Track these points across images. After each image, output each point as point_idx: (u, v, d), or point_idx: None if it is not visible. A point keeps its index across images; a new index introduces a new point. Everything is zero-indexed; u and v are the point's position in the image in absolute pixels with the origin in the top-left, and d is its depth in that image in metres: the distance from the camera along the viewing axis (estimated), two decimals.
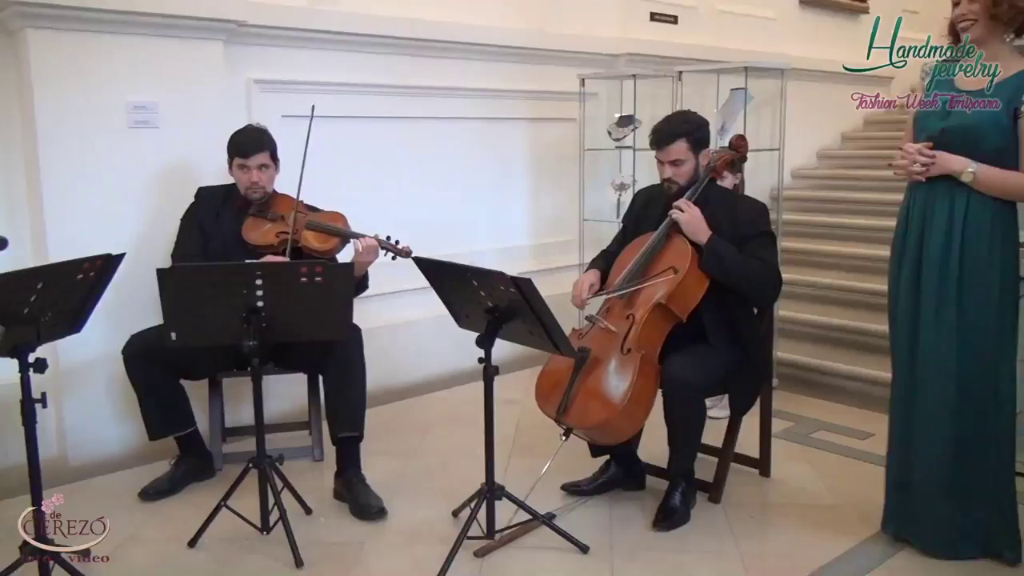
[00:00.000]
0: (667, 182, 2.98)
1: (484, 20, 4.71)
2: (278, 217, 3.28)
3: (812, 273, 5.17)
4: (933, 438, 2.56)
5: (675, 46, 5.49)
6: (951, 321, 2.49)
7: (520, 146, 5.03)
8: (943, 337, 2.51)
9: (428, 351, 4.49)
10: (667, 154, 2.93)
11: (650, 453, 3.23)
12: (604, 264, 3.16)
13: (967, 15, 2.43)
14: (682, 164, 2.94)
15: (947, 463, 2.55)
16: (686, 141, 2.93)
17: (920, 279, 2.55)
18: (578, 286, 3.05)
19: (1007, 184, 2.43)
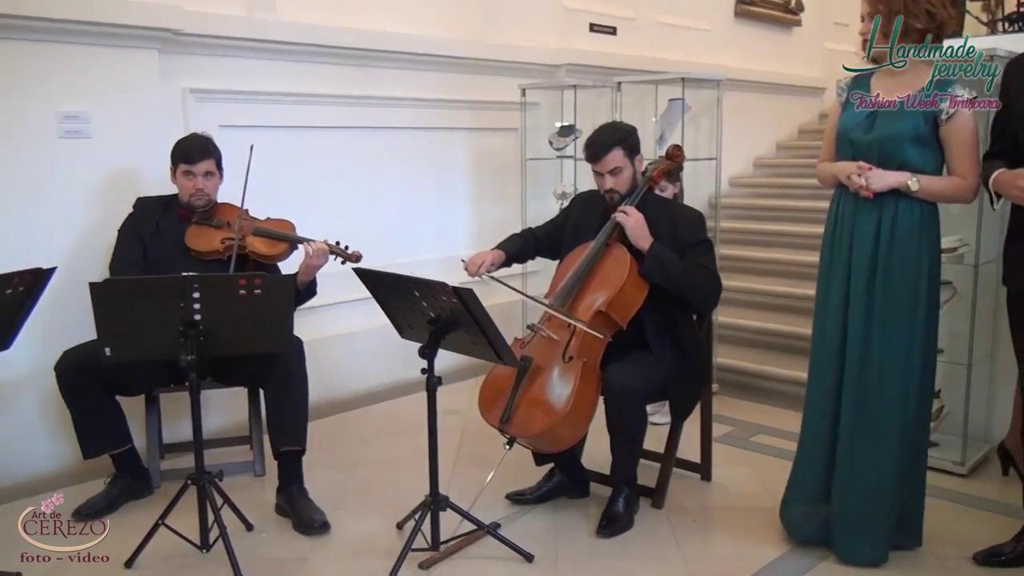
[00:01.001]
0: (608, 193, 3.01)
1: (424, 30, 4.71)
2: (223, 224, 3.24)
3: (749, 279, 5.28)
4: (874, 441, 2.61)
5: (614, 57, 5.56)
6: (876, 327, 2.56)
7: (462, 156, 5.04)
8: (868, 342, 2.57)
9: (370, 362, 4.47)
10: (605, 164, 2.97)
11: (593, 460, 3.26)
12: (515, 247, 3.23)
13: (867, 33, 2.55)
14: (621, 172, 2.98)
15: (890, 463, 2.62)
16: (621, 148, 2.97)
17: (849, 283, 2.62)
18: (477, 259, 3.10)
19: (945, 189, 2.53)
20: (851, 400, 2.62)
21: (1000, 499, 3.13)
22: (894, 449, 2.61)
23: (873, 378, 2.58)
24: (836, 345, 2.65)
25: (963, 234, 3.35)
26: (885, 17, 2.50)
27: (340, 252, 3.19)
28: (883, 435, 2.60)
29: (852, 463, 2.63)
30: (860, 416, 2.61)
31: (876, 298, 2.56)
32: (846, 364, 2.63)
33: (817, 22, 7.51)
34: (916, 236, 2.55)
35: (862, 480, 2.62)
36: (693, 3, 6.36)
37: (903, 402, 2.60)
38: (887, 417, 2.59)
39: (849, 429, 2.63)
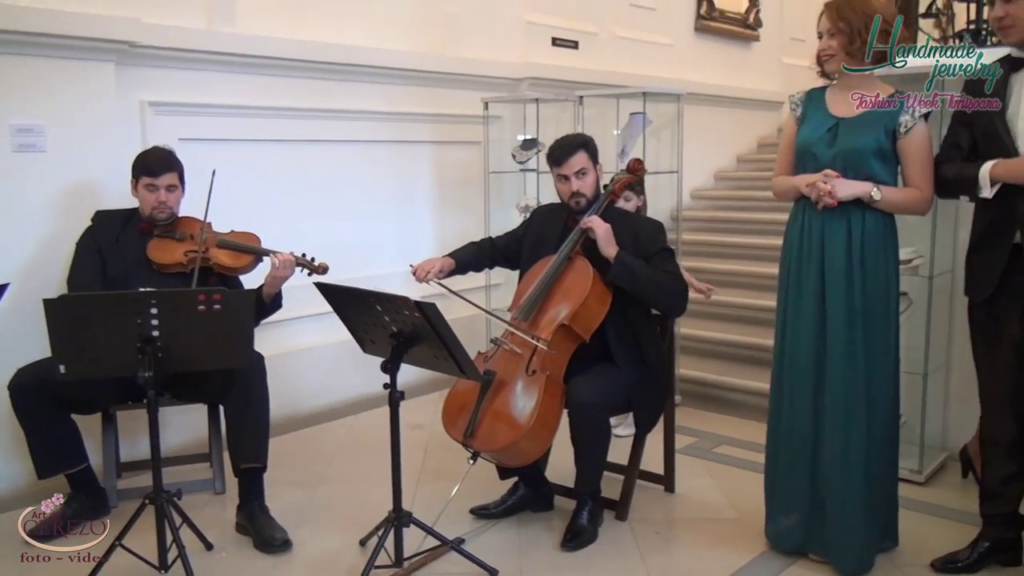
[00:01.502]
0: (574, 197, 3.02)
1: (387, 43, 4.71)
2: (186, 236, 3.21)
3: None
4: (846, 451, 2.63)
5: (576, 71, 5.60)
6: (859, 336, 2.60)
7: (425, 169, 5.04)
8: (852, 352, 2.60)
9: (332, 377, 4.43)
10: (571, 166, 2.99)
11: (557, 473, 3.26)
12: (469, 256, 3.24)
13: (827, 50, 2.60)
14: (586, 174, 3.01)
15: (859, 474, 2.64)
16: (585, 151, 3.01)
17: (825, 298, 2.64)
18: (426, 264, 3.11)
19: (905, 200, 2.59)
20: (840, 410, 2.63)
21: (957, 506, 3.18)
22: (884, 455, 2.67)
23: (860, 389, 2.61)
24: (812, 358, 2.67)
25: (917, 246, 3.42)
26: (845, 35, 2.55)
27: (307, 264, 3.18)
28: (873, 442, 2.64)
29: (846, 472, 2.64)
30: (849, 425, 2.62)
31: (856, 309, 2.60)
32: (827, 375, 2.64)
33: (775, 37, 7.64)
34: (882, 248, 2.61)
35: (857, 487, 2.65)
36: (654, 18, 6.44)
37: (886, 410, 2.65)
38: (876, 425, 2.63)
39: (839, 439, 2.64)
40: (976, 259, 2.67)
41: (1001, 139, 2.49)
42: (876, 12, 2.55)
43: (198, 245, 3.14)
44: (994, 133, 2.51)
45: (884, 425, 2.66)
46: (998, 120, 2.51)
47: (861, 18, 2.54)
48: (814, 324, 2.66)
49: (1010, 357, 2.60)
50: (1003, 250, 2.54)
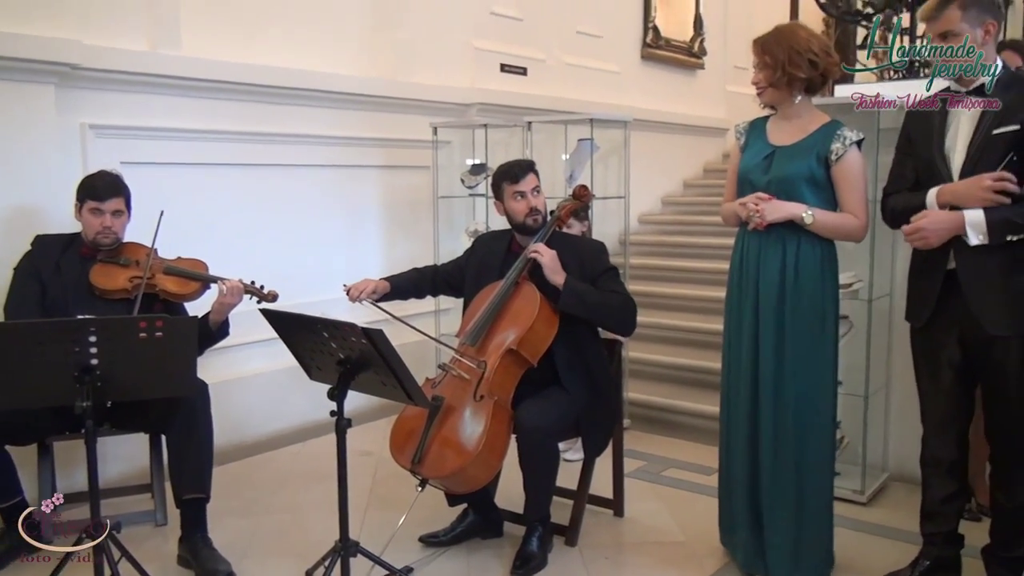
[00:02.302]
0: (531, 214, 3.05)
1: (337, 68, 4.70)
2: (131, 262, 3.14)
3: (659, 315, 5.38)
4: (778, 474, 2.69)
5: (525, 96, 5.65)
6: (789, 359, 2.65)
7: (374, 193, 5.02)
8: (782, 376, 2.66)
9: (278, 404, 4.36)
10: (528, 183, 3.04)
11: (507, 499, 3.24)
12: (407, 281, 3.25)
13: (759, 83, 2.69)
14: (540, 192, 3.07)
15: (791, 497, 2.69)
16: (535, 173, 3.09)
17: (758, 320, 2.70)
18: (361, 284, 3.11)
19: (838, 225, 2.64)
20: (769, 433, 2.69)
21: (899, 526, 3.24)
22: (818, 478, 2.70)
23: (790, 410, 2.66)
24: (748, 378, 2.72)
25: (857, 270, 3.50)
26: (771, 68, 2.62)
27: (256, 291, 3.14)
28: (806, 466, 2.68)
29: (781, 493, 2.70)
30: (781, 448, 2.68)
31: (786, 332, 2.65)
32: (761, 397, 2.70)
33: (719, 66, 7.81)
34: (819, 273, 2.66)
35: (790, 511, 2.69)
36: (601, 45, 6.53)
37: (820, 431, 2.70)
38: (808, 447, 2.68)
39: (771, 461, 2.70)
40: (915, 284, 2.75)
41: (939, 171, 2.57)
42: (800, 46, 2.62)
43: (143, 271, 3.08)
44: (932, 165, 2.59)
45: (818, 449, 2.70)
46: (936, 152, 2.59)
47: (785, 52, 2.61)
48: (751, 347, 2.71)
49: (949, 379, 2.67)
50: (939, 276, 2.61)
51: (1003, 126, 2.47)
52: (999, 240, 2.44)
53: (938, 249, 2.58)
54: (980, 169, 2.49)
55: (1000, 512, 2.71)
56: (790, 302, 2.65)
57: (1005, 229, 2.43)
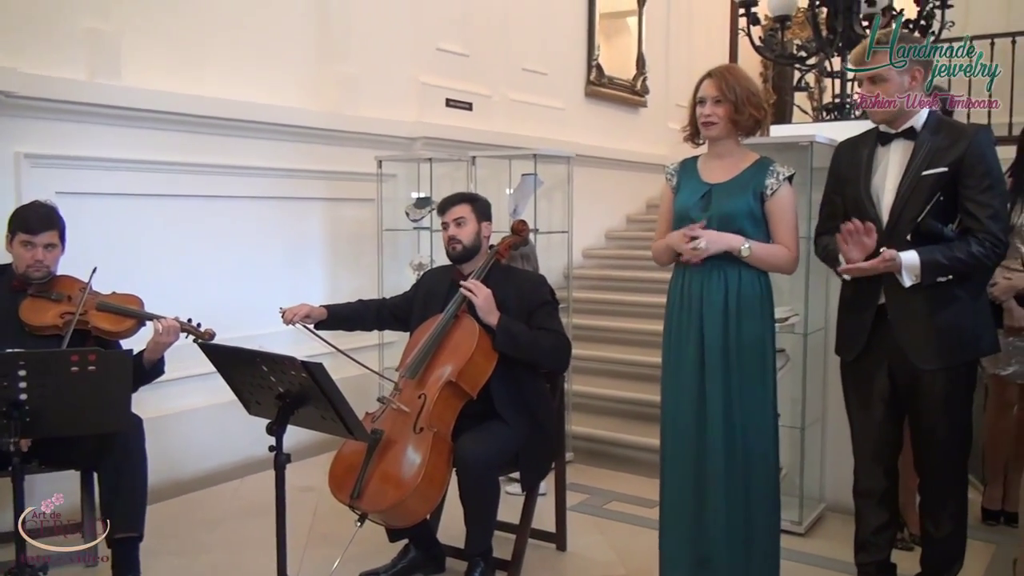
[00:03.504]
0: (451, 242, 3.10)
1: (280, 100, 4.69)
2: (63, 297, 3.06)
3: (602, 348, 5.43)
4: (726, 507, 2.68)
5: (470, 131, 5.70)
6: (735, 392, 2.68)
7: (317, 226, 5.00)
8: (729, 408, 2.67)
9: (216, 440, 4.27)
10: (451, 214, 3.11)
11: (448, 534, 3.22)
12: (348, 310, 3.27)
13: (711, 117, 2.70)
14: (465, 224, 3.09)
15: (740, 530, 2.70)
16: (469, 205, 3.13)
17: (704, 353, 2.71)
18: (297, 308, 3.12)
19: (772, 256, 2.67)
20: (720, 467, 2.68)
21: (835, 556, 3.29)
22: (765, 510, 2.72)
23: (738, 443, 2.68)
24: (694, 412, 2.72)
25: (793, 304, 3.59)
26: (732, 104, 2.67)
27: (192, 330, 3.07)
28: (753, 498, 2.69)
29: (727, 528, 2.69)
30: (731, 483, 2.68)
31: (731, 365, 2.67)
32: (709, 430, 2.70)
33: (661, 104, 7.99)
34: (759, 306, 2.71)
35: (738, 544, 2.70)
36: (546, 82, 6.64)
37: (765, 464, 2.72)
38: (755, 480, 2.69)
39: (720, 495, 2.69)
40: (845, 319, 2.83)
41: (867, 210, 2.66)
42: (753, 88, 2.71)
43: (76, 307, 3.00)
44: (860, 203, 2.68)
45: (763, 480, 2.72)
46: (863, 191, 2.68)
47: (744, 90, 2.68)
48: (694, 380, 2.72)
49: (880, 412, 2.74)
50: (870, 311, 2.70)
51: (932, 168, 2.57)
52: (930, 281, 2.54)
53: (869, 286, 2.67)
54: (908, 208, 2.59)
55: (929, 541, 2.78)
56: (733, 335, 2.68)
57: (936, 271, 2.53)
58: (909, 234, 2.58)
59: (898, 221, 2.61)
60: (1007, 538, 3.48)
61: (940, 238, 2.55)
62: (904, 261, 2.51)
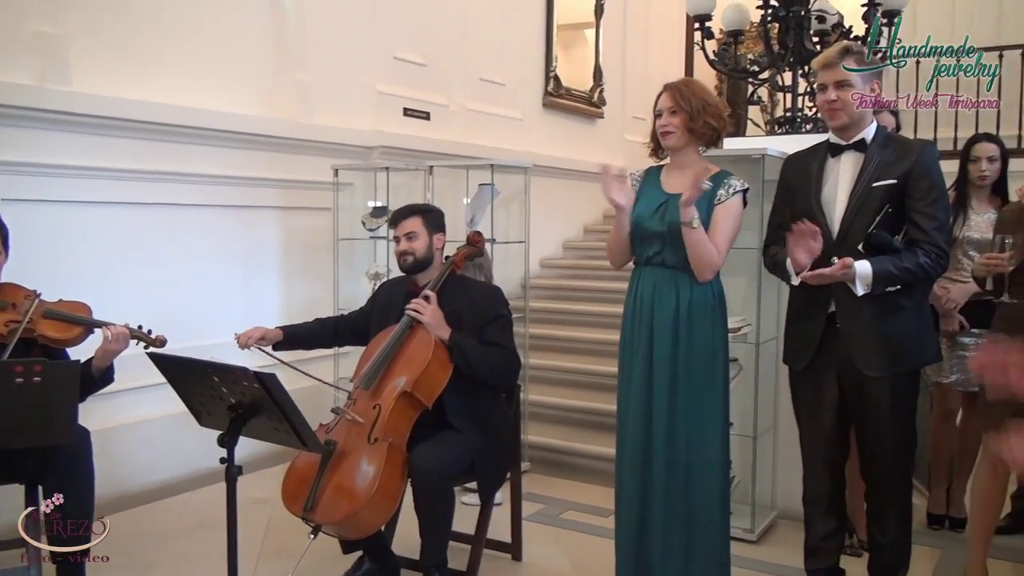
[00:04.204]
0: (402, 255, 3.10)
1: (235, 107, 4.64)
2: (7, 305, 2.97)
3: (559, 358, 5.45)
4: (669, 515, 2.72)
5: (427, 141, 5.70)
6: (682, 401, 2.70)
7: (273, 235, 4.95)
8: (675, 417, 2.70)
9: (166, 452, 4.20)
10: (401, 228, 3.11)
11: (403, 545, 3.20)
12: (304, 330, 3.27)
13: (668, 126, 2.74)
14: (416, 237, 3.09)
15: (681, 539, 2.73)
16: (421, 218, 3.12)
17: (652, 361, 2.75)
18: (251, 331, 3.10)
19: (705, 249, 2.65)
20: (663, 474, 2.71)
21: (787, 563, 3.34)
22: (712, 519, 2.74)
23: (681, 452, 2.70)
24: (641, 421, 2.75)
25: (745, 314, 3.64)
26: (686, 113, 2.71)
27: (143, 336, 3.01)
28: (698, 507, 2.72)
29: (668, 536, 2.72)
30: (672, 492, 2.71)
31: (679, 374, 2.70)
32: (654, 438, 2.72)
33: (618, 116, 8.06)
34: (711, 315, 2.74)
35: (684, 550, 2.72)
36: (504, 93, 6.66)
37: (715, 472, 2.74)
38: (703, 489, 2.72)
39: (663, 505, 2.72)
40: (795, 329, 2.88)
41: (816, 220, 2.71)
42: (710, 99, 2.76)
43: (21, 316, 2.93)
44: (810, 214, 2.73)
45: (710, 489, 2.74)
46: (814, 202, 2.74)
47: (699, 101, 2.72)
48: (644, 389, 2.75)
49: (828, 420, 2.79)
50: (820, 320, 2.75)
51: (882, 180, 2.64)
52: (880, 291, 2.60)
53: (819, 295, 2.72)
54: (859, 219, 2.65)
55: (876, 547, 2.83)
56: (683, 344, 2.71)
57: (886, 281, 2.59)
58: (860, 244, 2.64)
59: (848, 231, 2.67)
60: (952, 543, 3.57)
61: (889, 248, 2.62)
62: (858, 271, 2.57)
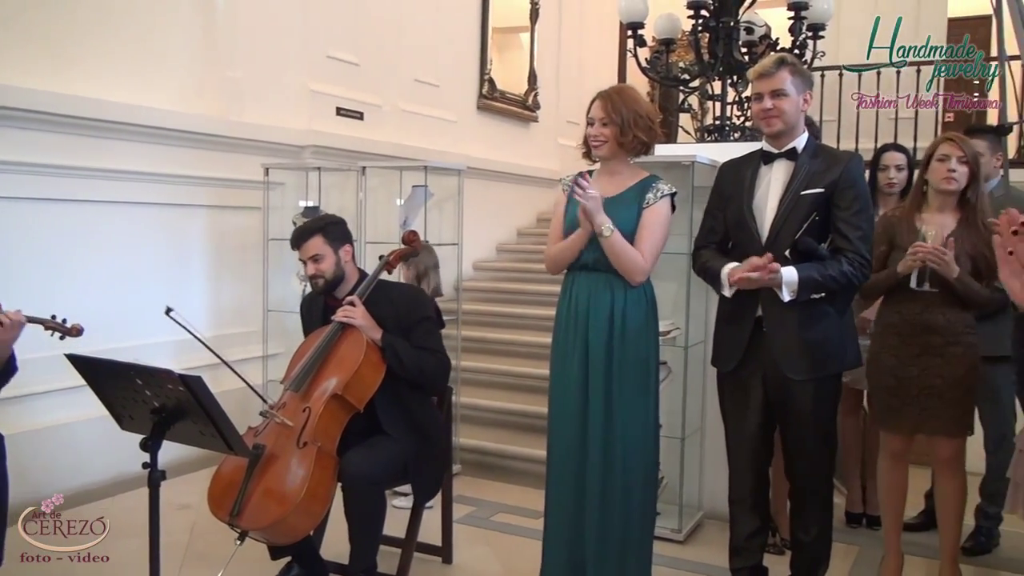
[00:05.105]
0: (312, 279, 3.05)
1: (161, 102, 4.52)
2: None
3: (491, 360, 5.46)
4: (604, 517, 2.75)
5: (361, 141, 5.65)
6: (616, 404, 2.74)
7: (201, 234, 4.85)
8: (610, 419, 2.74)
9: (87, 457, 4.07)
10: (305, 251, 3.03)
11: (332, 550, 3.16)
12: None
13: (599, 137, 2.78)
14: (322, 259, 3.02)
15: (616, 539, 2.76)
16: (321, 236, 3.03)
17: (588, 365, 2.77)
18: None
19: (627, 254, 2.69)
20: (597, 481, 2.74)
21: (712, 562, 3.40)
22: (641, 521, 2.79)
23: (617, 455, 2.74)
24: (577, 424, 2.77)
25: (675, 318, 3.70)
26: (617, 126, 2.74)
27: (56, 326, 2.85)
28: (631, 508, 2.76)
29: (603, 537, 2.75)
30: (608, 495, 2.74)
31: (614, 378, 2.74)
32: (589, 442, 2.75)
33: (552, 119, 8.12)
34: (643, 320, 2.78)
35: (613, 553, 2.75)
36: (438, 94, 6.64)
37: (646, 474, 2.79)
38: (634, 490, 2.76)
39: (598, 504, 2.74)
40: (724, 332, 2.94)
41: (748, 226, 2.78)
42: (642, 110, 2.78)
43: None
44: (742, 221, 2.80)
45: (642, 492, 2.79)
46: (746, 209, 2.80)
47: (631, 113, 2.75)
48: (579, 392, 2.78)
49: (754, 421, 2.86)
50: (748, 325, 2.81)
51: (810, 188, 2.72)
52: (805, 297, 2.67)
53: (748, 300, 2.78)
54: (787, 225, 2.72)
55: (798, 545, 2.91)
56: (618, 348, 2.74)
57: (811, 288, 2.66)
58: (788, 250, 2.71)
59: (777, 237, 2.74)
60: (869, 539, 3.70)
61: (815, 255, 2.69)
62: (784, 277, 2.64)
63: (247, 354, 4.89)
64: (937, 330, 2.96)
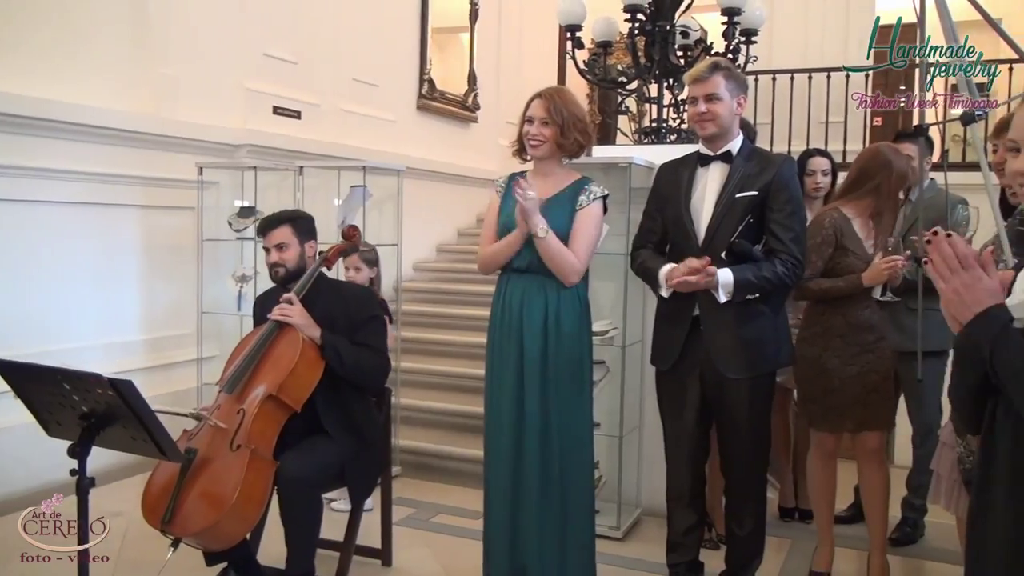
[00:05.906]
0: (273, 267, 3.03)
1: (88, 99, 4.39)
2: None
3: (431, 361, 5.45)
4: (542, 516, 2.77)
5: (298, 140, 5.58)
6: (552, 404, 2.76)
7: (132, 234, 4.73)
8: (547, 419, 2.76)
9: (9, 464, 3.92)
10: (271, 239, 3.02)
11: (269, 555, 3.11)
12: None
13: (539, 136, 2.80)
14: (287, 248, 3.01)
15: (555, 539, 2.78)
16: (290, 226, 3.03)
17: (523, 366, 2.79)
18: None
19: (561, 255, 2.72)
20: (535, 480, 2.76)
21: (651, 558, 3.44)
22: (580, 519, 2.81)
23: (555, 456, 2.76)
24: (512, 425, 2.79)
25: (612, 318, 3.74)
26: (558, 126, 2.77)
27: None
28: (569, 507, 2.78)
29: (542, 538, 2.77)
30: (547, 495, 2.76)
31: (550, 379, 2.76)
32: (526, 444, 2.77)
33: (492, 120, 8.13)
34: (577, 320, 2.81)
35: (553, 553, 2.77)
36: (377, 94, 6.60)
37: (582, 475, 2.82)
38: (572, 489, 2.78)
39: (536, 504, 2.77)
40: (661, 331, 2.98)
41: (686, 227, 2.83)
42: (580, 114, 2.83)
43: None
44: (680, 223, 2.85)
45: (580, 490, 2.83)
46: (684, 210, 2.85)
47: (571, 115, 2.78)
48: (514, 392, 2.80)
49: (691, 419, 2.92)
50: (685, 324, 2.86)
51: (745, 191, 2.77)
52: (740, 299, 2.73)
53: (685, 300, 2.83)
54: (723, 227, 2.78)
55: (733, 539, 2.98)
56: (552, 350, 2.77)
57: (746, 290, 2.72)
58: (724, 252, 2.77)
59: (713, 239, 2.79)
60: (801, 533, 3.79)
61: (750, 257, 2.75)
62: (720, 279, 2.69)
63: (182, 357, 4.79)
64: (872, 327, 3.08)
